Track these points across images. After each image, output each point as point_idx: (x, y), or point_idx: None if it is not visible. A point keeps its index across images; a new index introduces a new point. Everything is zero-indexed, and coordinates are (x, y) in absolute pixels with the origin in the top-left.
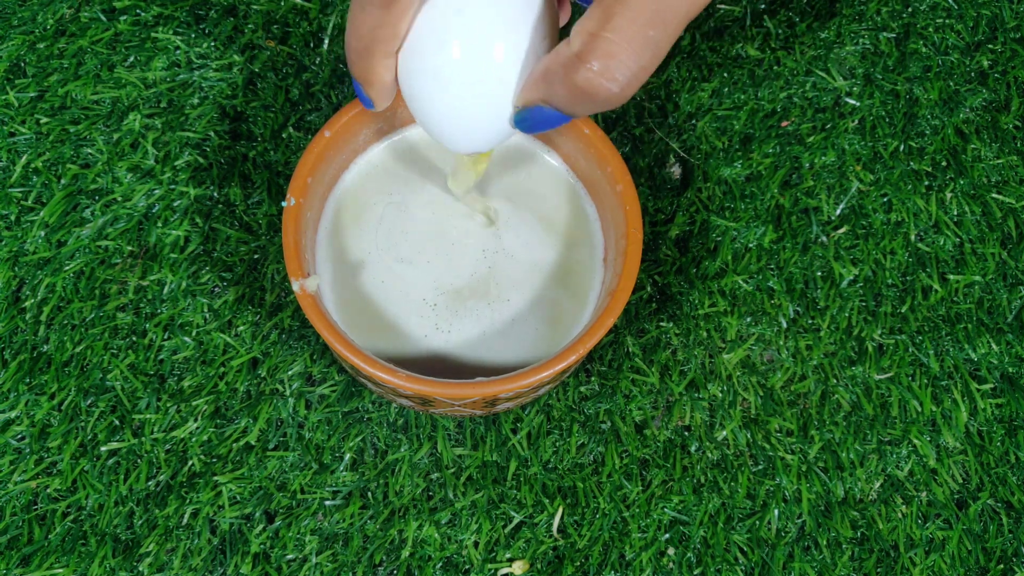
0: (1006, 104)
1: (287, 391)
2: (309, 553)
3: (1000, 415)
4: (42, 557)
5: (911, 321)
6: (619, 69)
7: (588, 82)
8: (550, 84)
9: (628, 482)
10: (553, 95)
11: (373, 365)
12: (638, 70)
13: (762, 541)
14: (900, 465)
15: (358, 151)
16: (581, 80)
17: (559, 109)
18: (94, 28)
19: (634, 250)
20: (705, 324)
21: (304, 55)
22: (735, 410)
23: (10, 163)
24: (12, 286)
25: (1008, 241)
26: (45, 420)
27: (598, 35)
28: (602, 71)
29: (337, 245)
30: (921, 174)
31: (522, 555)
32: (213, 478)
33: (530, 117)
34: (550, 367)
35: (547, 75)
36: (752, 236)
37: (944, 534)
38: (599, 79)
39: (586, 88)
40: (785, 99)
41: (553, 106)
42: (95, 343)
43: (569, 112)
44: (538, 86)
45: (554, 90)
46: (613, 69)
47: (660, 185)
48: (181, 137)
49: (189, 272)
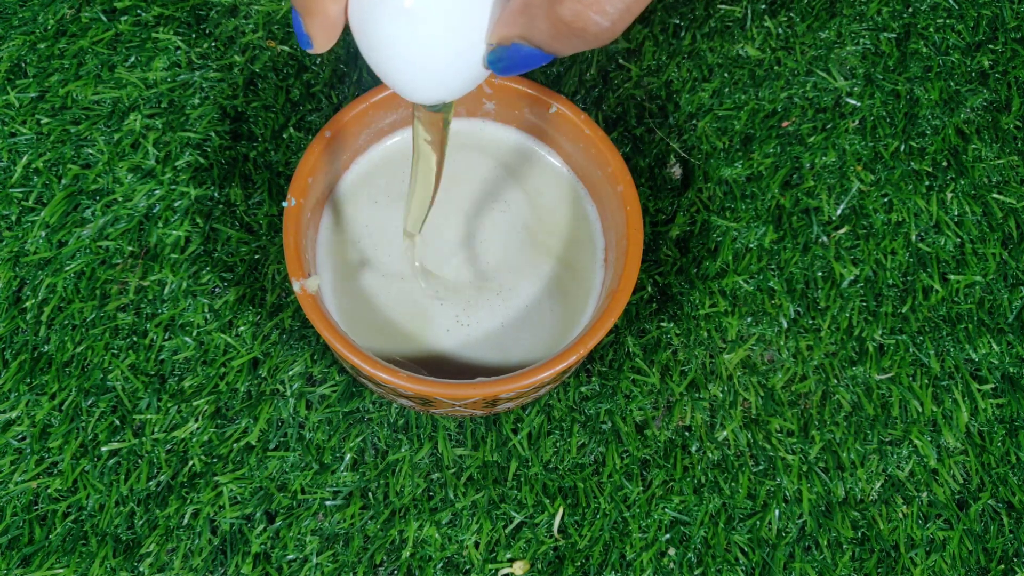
0: (1007, 104)
1: (288, 391)
2: (310, 553)
3: (1001, 415)
4: (43, 557)
5: (912, 321)
6: (609, 1)
7: (576, 15)
8: (531, 18)
9: (629, 482)
10: (534, 30)
11: (374, 365)
12: (631, 2)
13: (763, 541)
14: (901, 465)
15: (359, 151)
16: (567, 13)
17: (540, 47)
18: (95, 28)
19: (635, 250)
20: (706, 324)
21: (304, 56)
22: (736, 410)
23: (11, 163)
24: (13, 286)
25: (1009, 241)
26: (46, 420)
27: None
28: (591, 3)
29: (338, 245)
30: (922, 174)
31: (523, 555)
32: (214, 478)
33: (506, 56)
34: (551, 367)
35: (528, 7)
36: (753, 236)
37: (945, 534)
38: (587, 11)
39: (572, 22)
40: (786, 99)
41: (533, 43)
42: (96, 343)
43: (551, 50)
44: (516, 19)
45: (535, 24)
46: (603, 1)
47: (661, 185)
48: (182, 137)
49: (190, 272)
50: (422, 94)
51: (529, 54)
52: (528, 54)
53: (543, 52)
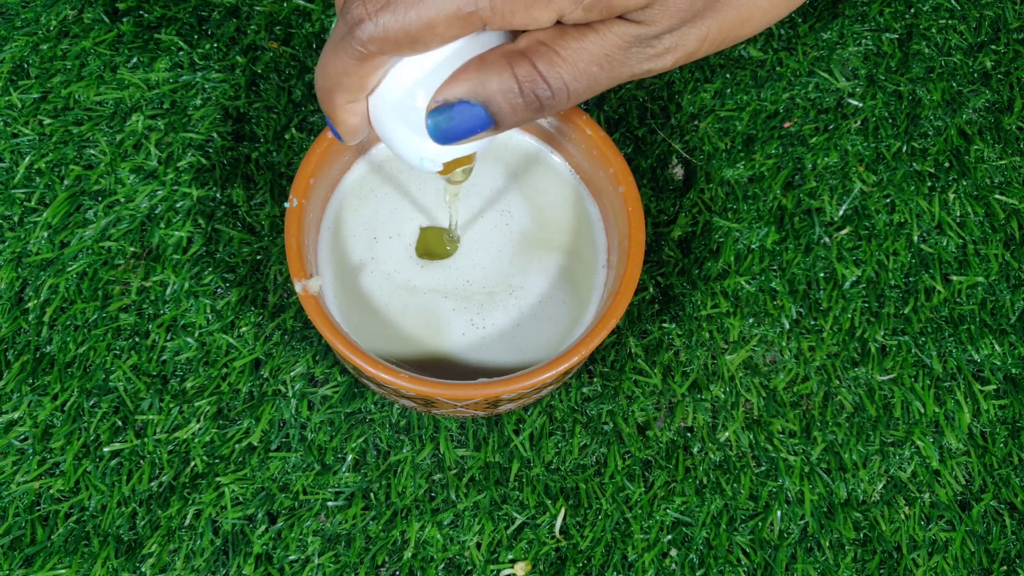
0: (1009, 105)
1: (289, 392)
2: (311, 554)
3: (1003, 416)
4: (45, 558)
5: (914, 322)
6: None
7: (528, 75)
8: (484, 74)
9: (630, 483)
10: (486, 85)
11: (376, 366)
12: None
13: (765, 542)
14: (903, 466)
15: (360, 152)
16: (522, 72)
17: (486, 105)
18: (97, 29)
19: (636, 251)
20: (707, 325)
21: (307, 56)
22: (737, 411)
23: (13, 164)
24: (15, 287)
25: (1011, 242)
26: (48, 421)
27: (548, 45)
28: (545, 70)
29: (339, 246)
30: (924, 175)
31: (524, 556)
32: (216, 479)
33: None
34: (552, 368)
35: (483, 63)
36: (755, 237)
37: (947, 536)
38: (538, 78)
39: (525, 79)
40: (788, 100)
41: (482, 100)
42: (98, 344)
43: (495, 110)
44: (469, 76)
45: (488, 79)
46: (554, 76)
47: (663, 186)
48: (184, 138)
49: (192, 273)
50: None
51: (472, 115)
52: (471, 115)
53: (487, 114)
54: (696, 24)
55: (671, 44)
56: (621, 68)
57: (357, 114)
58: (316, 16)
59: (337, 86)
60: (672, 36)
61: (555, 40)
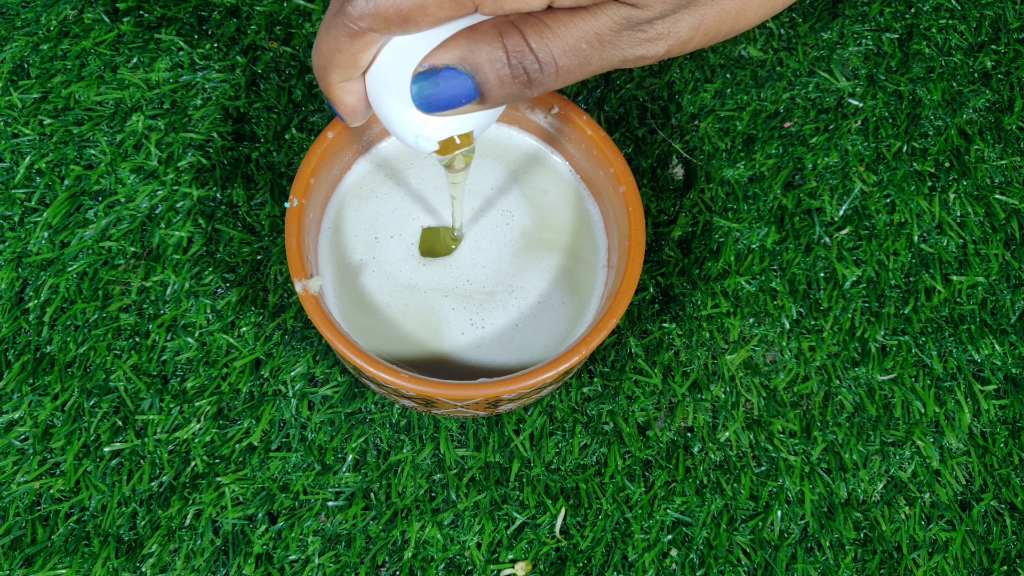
0: (1009, 105)
1: (290, 392)
2: (312, 554)
3: (1004, 416)
4: (45, 558)
5: (914, 322)
6: (545, 51)
7: (517, 45)
8: (474, 42)
9: (631, 483)
10: (475, 53)
11: (376, 366)
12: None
13: (765, 542)
14: (903, 466)
15: (361, 152)
16: (511, 42)
17: (474, 73)
18: (97, 29)
19: (637, 251)
20: (708, 325)
21: (307, 56)
22: (738, 411)
23: (14, 164)
24: (16, 287)
25: (1012, 242)
26: (48, 421)
27: (538, 17)
28: (535, 43)
29: (339, 246)
30: (924, 175)
31: (525, 556)
32: (216, 479)
33: (434, 79)
34: (553, 368)
35: (474, 32)
36: (755, 237)
37: (947, 536)
38: (527, 50)
39: (513, 50)
40: (788, 100)
41: (469, 68)
42: (98, 344)
43: (482, 79)
44: (459, 43)
45: (478, 48)
46: (542, 49)
47: (663, 186)
48: (184, 138)
49: (192, 273)
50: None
51: (458, 83)
52: (457, 83)
53: (473, 84)
54: (691, 11)
55: (664, 30)
56: (612, 50)
57: (354, 93)
58: (316, 16)
59: (330, 63)
60: (665, 22)
61: (547, 14)
